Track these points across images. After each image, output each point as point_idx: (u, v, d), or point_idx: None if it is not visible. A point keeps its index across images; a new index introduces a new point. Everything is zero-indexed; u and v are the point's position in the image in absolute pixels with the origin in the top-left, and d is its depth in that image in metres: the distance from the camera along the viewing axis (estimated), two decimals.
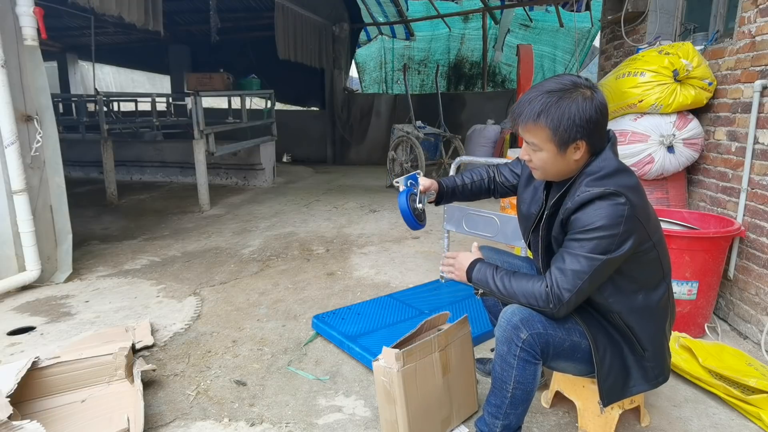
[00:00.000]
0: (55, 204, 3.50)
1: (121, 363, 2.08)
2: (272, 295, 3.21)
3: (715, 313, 2.78)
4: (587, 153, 1.47)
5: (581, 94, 1.40)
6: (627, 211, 1.38)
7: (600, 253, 1.38)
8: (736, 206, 2.63)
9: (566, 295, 1.42)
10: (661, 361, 1.60)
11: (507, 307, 1.54)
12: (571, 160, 1.46)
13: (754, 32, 2.53)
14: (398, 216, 5.37)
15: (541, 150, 1.47)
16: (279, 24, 7.42)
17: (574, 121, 1.39)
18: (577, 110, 1.39)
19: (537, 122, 1.42)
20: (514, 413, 1.55)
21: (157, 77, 14.80)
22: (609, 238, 1.38)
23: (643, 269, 1.50)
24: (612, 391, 1.56)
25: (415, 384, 1.67)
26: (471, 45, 11.23)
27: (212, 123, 6.33)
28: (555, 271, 1.45)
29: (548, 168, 1.50)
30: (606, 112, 1.44)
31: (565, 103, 1.39)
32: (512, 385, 1.50)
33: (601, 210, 1.38)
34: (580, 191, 1.42)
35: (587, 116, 1.39)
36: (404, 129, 6.80)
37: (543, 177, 1.58)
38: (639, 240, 1.43)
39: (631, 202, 1.39)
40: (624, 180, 1.43)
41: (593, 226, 1.38)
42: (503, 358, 1.50)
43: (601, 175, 1.43)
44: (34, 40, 3.22)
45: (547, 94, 1.41)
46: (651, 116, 2.97)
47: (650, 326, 1.54)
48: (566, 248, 1.45)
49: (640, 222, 1.42)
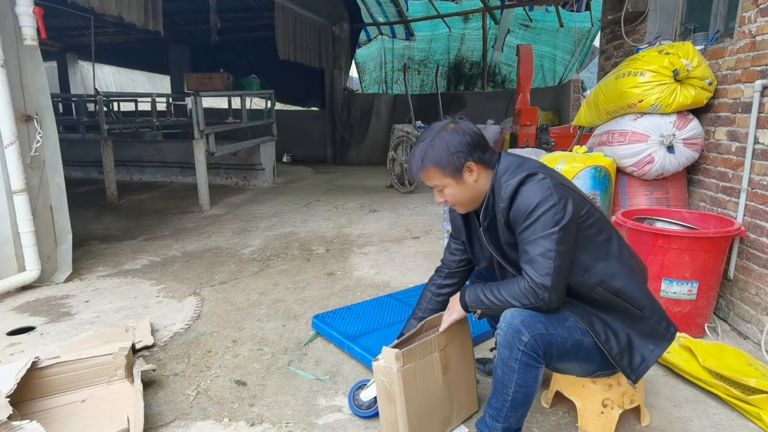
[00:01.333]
0: (55, 204, 3.50)
1: (121, 363, 2.08)
2: (272, 295, 3.21)
3: (715, 313, 2.78)
4: (483, 170, 1.60)
5: (445, 130, 1.58)
6: (550, 182, 1.49)
7: (552, 227, 1.45)
8: (736, 206, 2.63)
9: (547, 280, 1.45)
10: (661, 311, 1.62)
11: (507, 311, 1.55)
12: (471, 182, 1.60)
13: (754, 32, 2.53)
14: (398, 216, 5.40)
15: (445, 186, 1.61)
16: (279, 24, 7.42)
17: (450, 151, 1.55)
18: (447, 143, 1.56)
19: (425, 167, 1.59)
20: (514, 416, 1.55)
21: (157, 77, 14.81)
22: (551, 209, 1.45)
23: (597, 233, 1.55)
24: (633, 366, 1.57)
25: (415, 384, 1.67)
26: (471, 45, 11.23)
27: (212, 123, 6.34)
28: (526, 266, 1.50)
29: (460, 198, 1.63)
30: (475, 133, 1.59)
31: (436, 142, 1.57)
32: (513, 389, 1.50)
33: (529, 192, 1.48)
34: (504, 187, 1.53)
35: (456, 142, 1.56)
36: (404, 129, 6.80)
37: (464, 209, 1.70)
38: (576, 203, 1.50)
39: (549, 174, 1.52)
40: (533, 164, 1.58)
41: (531, 207, 1.47)
42: (505, 362, 1.51)
43: (513, 169, 1.56)
44: (33, 40, 3.22)
45: (421, 143, 1.60)
46: (651, 116, 2.97)
47: (634, 282, 1.57)
48: (522, 242, 1.51)
49: (567, 187, 1.53)
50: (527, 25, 10.69)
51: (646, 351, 1.57)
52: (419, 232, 4.73)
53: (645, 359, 1.57)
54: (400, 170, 6.84)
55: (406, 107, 7.46)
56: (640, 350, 1.57)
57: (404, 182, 6.81)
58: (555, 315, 1.55)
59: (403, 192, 6.74)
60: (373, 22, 10.63)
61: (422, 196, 6.48)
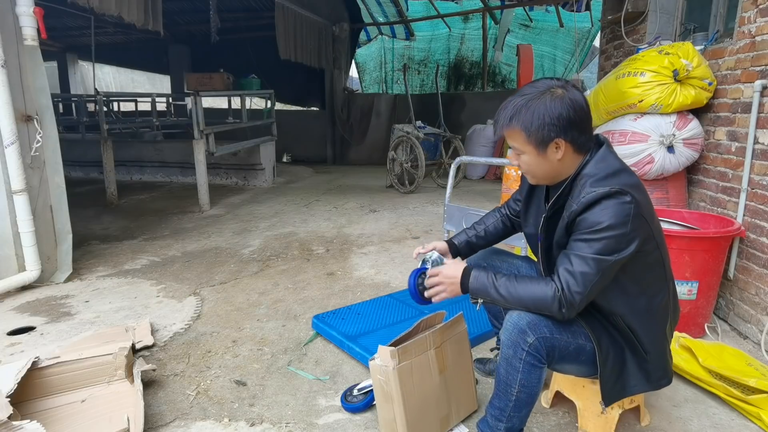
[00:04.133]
0: (55, 204, 3.50)
1: (121, 363, 2.08)
2: (272, 295, 3.21)
3: (715, 313, 2.78)
4: (572, 152, 1.48)
5: (551, 94, 1.43)
6: (633, 210, 1.37)
7: (608, 254, 1.38)
8: (736, 206, 2.63)
9: (578, 299, 1.40)
10: (663, 363, 1.60)
11: (512, 311, 1.52)
12: (554, 160, 1.47)
13: (754, 32, 2.53)
14: (398, 216, 5.40)
15: (523, 152, 1.50)
16: (279, 24, 7.42)
17: (544, 120, 1.41)
18: (546, 109, 1.41)
19: (511, 126, 1.47)
20: (517, 416, 1.54)
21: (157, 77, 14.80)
22: (617, 238, 1.37)
23: (646, 270, 1.50)
24: (613, 391, 1.56)
25: (411, 382, 1.67)
26: (471, 45, 11.23)
27: (212, 123, 6.33)
28: (564, 273, 1.42)
29: (535, 170, 1.53)
30: (581, 110, 1.44)
31: (534, 104, 1.43)
32: (517, 389, 1.49)
33: (608, 210, 1.37)
34: (585, 192, 1.41)
35: (557, 114, 1.41)
36: (404, 129, 6.80)
37: (535, 181, 1.60)
38: (644, 239, 1.42)
39: (637, 200, 1.39)
40: (627, 179, 1.43)
41: (601, 226, 1.37)
42: (508, 362, 1.49)
43: (604, 176, 1.42)
44: (34, 40, 3.22)
45: (519, 98, 1.46)
46: (651, 116, 2.97)
47: (652, 329, 1.54)
48: (573, 249, 1.43)
49: (645, 220, 1.42)
50: (527, 25, 10.69)
51: (629, 384, 1.56)
52: (419, 232, 4.73)
53: (624, 390, 1.56)
54: (400, 170, 6.84)
55: (406, 107, 7.45)
56: (625, 379, 1.56)
57: (404, 182, 6.81)
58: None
59: (403, 192, 6.74)
60: (373, 22, 10.63)
61: (422, 196, 6.48)
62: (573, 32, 9.83)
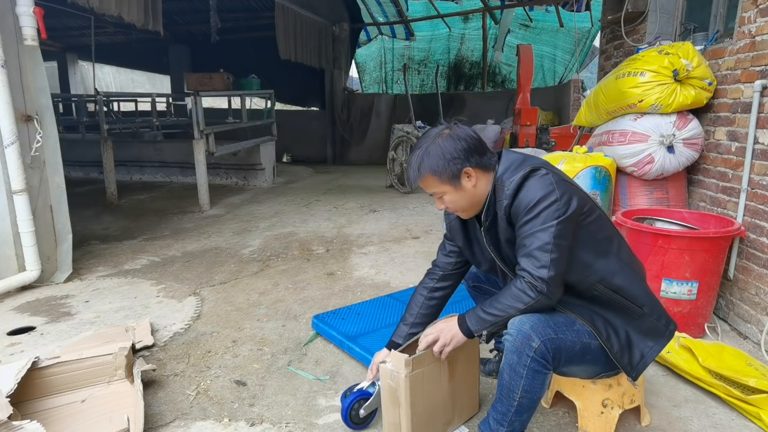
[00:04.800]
0: (55, 204, 3.50)
1: (121, 363, 2.08)
2: (272, 295, 3.21)
3: (715, 313, 2.78)
4: (483, 174, 1.58)
5: (440, 137, 1.55)
6: (553, 177, 1.49)
7: (552, 220, 1.44)
8: (736, 206, 2.63)
9: (544, 272, 1.44)
10: (661, 308, 1.61)
11: (515, 317, 1.52)
12: (470, 187, 1.57)
13: (754, 32, 2.53)
14: (398, 216, 5.40)
15: (444, 193, 1.58)
16: (279, 24, 7.42)
17: (445, 158, 1.53)
18: (442, 149, 1.53)
19: (422, 175, 1.57)
20: (518, 420, 1.55)
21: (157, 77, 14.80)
22: (553, 205, 1.45)
23: (597, 230, 1.55)
24: (632, 362, 1.56)
25: (421, 389, 1.66)
26: (471, 45, 11.23)
27: (212, 123, 6.33)
28: (523, 260, 1.48)
29: (461, 203, 1.60)
30: (470, 137, 1.56)
31: (431, 149, 1.54)
32: (519, 394, 1.49)
33: (532, 187, 1.47)
34: (506, 187, 1.51)
35: (452, 148, 1.53)
36: (404, 129, 6.80)
37: (467, 214, 1.66)
38: (579, 199, 1.50)
39: (551, 170, 1.51)
40: (534, 160, 1.56)
41: (533, 202, 1.46)
42: (512, 368, 1.49)
43: (514, 168, 1.54)
44: (34, 40, 3.22)
45: (418, 151, 1.57)
46: (651, 116, 2.97)
47: (634, 280, 1.57)
48: (521, 236, 1.50)
49: (569, 183, 1.53)
50: (527, 25, 10.69)
51: (645, 348, 1.57)
52: (419, 232, 4.73)
53: (644, 356, 1.57)
54: (400, 170, 6.84)
55: (406, 107, 7.46)
56: (638, 347, 1.57)
57: (404, 182, 6.81)
58: (562, 319, 1.53)
59: (403, 192, 6.74)
60: (373, 22, 10.63)
61: (422, 196, 6.48)
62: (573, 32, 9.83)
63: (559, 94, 8.89)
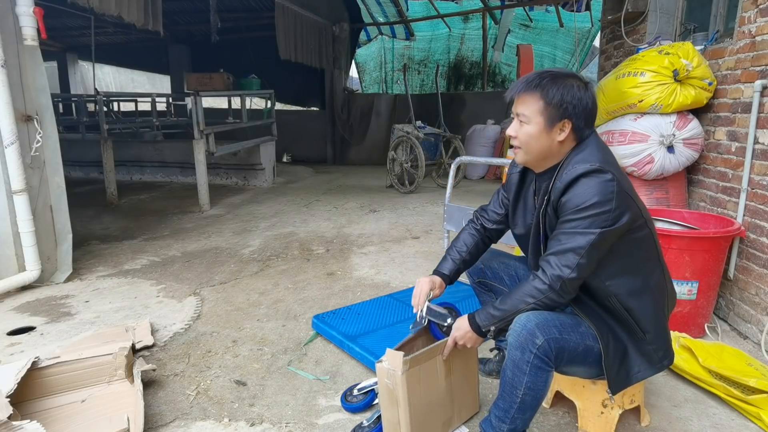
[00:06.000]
0: (55, 204, 3.50)
1: (121, 363, 2.08)
2: (272, 295, 3.21)
3: (715, 313, 2.78)
4: (572, 138, 1.53)
5: (577, 81, 1.51)
6: (616, 187, 1.42)
7: (595, 228, 1.41)
8: (736, 206, 2.63)
9: (566, 272, 1.43)
10: (664, 342, 1.60)
11: (520, 314, 1.52)
12: (555, 140, 1.52)
13: (754, 32, 2.53)
14: (398, 216, 5.40)
15: (530, 122, 1.52)
16: (279, 24, 7.42)
17: (565, 99, 1.47)
18: (570, 91, 1.48)
19: (533, 92, 1.50)
20: (521, 418, 1.54)
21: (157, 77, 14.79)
22: (603, 215, 1.41)
23: (637, 248, 1.52)
24: (618, 379, 1.56)
25: (418, 387, 1.66)
26: (471, 45, 11.23)
27: (212, 123, 6.33)
28: (550, 253, 1.47)
29: (532, 143, 1.54)
30: (595, 105, 1.52)
31: (561, 82, 1.49)
32: (522, 391, 1.49)
33: (590, 188, 1.42)
34: (567, 171, 1.47)
35: (578, 97, 1.48)
36: (404, 129, 6.80)
37: (524, 159, 1.61)
38: (633, 216, 1.46)
39: (618, 178, 1.44)
40: (606, 157, 1.50)
41: (586, 204, 1.41)
42: (515, 364, 1.48)
43: (585, 158, 1.48)
44: (34, 40, 3.22)
45: (547, 73, 1.52)
46: (651, 116, 2.97)
47: (648, 307, 1.55)
48: (560, 230, 1.47)
49: (630, 197, 1.47)
50: (527, 25, 10.69)
51: (633, 369, 1.56)
52: (419, 232, 4.73)
53: (630, 376, 1.56)
54: (400, 170, 6.84)
55: (406, 107, 7.45)
56: (629, 365, 1.56)
57: (404, 182, 6.81)
58: (569, 320, 1.53)
59: (403, 192, 6.74)
60: (373, 22, 10.63)
61: (422, 196, 6.48)
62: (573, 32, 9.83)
63: None
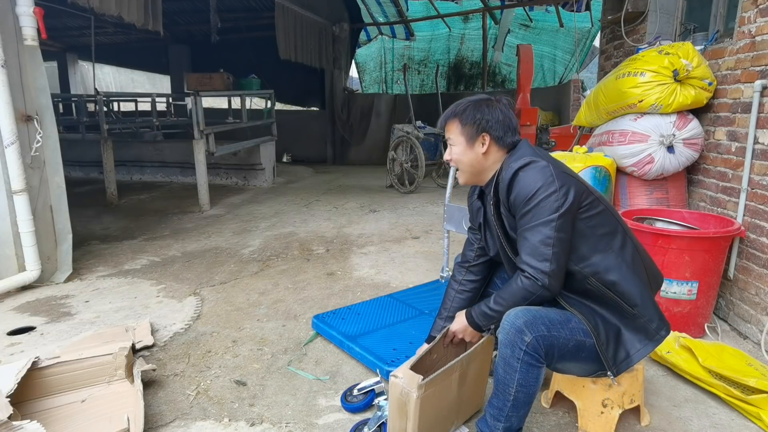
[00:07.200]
0: (55, 204, 3.50)
1: (121, 363, 2.08)
2: (272, 295, 3.21)
3: (715, 313, 2.78)
4: (496, 149, 1.66)
5: (487, 102, 1.68)
6: (552, 169, 1.52)
7: (552, 213, 1.48)
8: (736, 206, 2.63)
9: (546, 266, 1.48)
10: (654, 311, 1.60)
11: (510, 311, 1.55)
12: (479, 153, 1.67)
13: (754, 32, 2.53)
14: (398, 216, 5.40)
15: (456, 144, 1.70)
16: (279, 24, 7.42)
17: (476, 117, 1.65)
18: (481, 110, 1.66)
19: (452, 119, 1.71)
20: (515, 415, 1.55)
21: (157, 77, 14.80)
22: (552, 196, 1.48)
23: (599, 225, 1.57)
24: (617, 359, 1.56)
25: (431, 404, 1.64)
26: (471, 45, 11.23)
27: (212, 123, 6.34)
28: (524, 255, 1.52)
29: (463, 160, 1.69)
30: (505, 114, 1.66)
31: (474, 106, 1.68)
32: (515, 388, 1.50)
33: (530, 177, 1.51)
34: (506, 171, 1.58)
35: (488, 113, 1.65)
36: (404, 129, 6.80)
37: (465, 178, 1.76)
38: (578, 192, 1.52)
39: (551, 162, 1.55)
40: (541, 154, 1.61)
41: (531, 192, 1.50)
42: (506, 361, 1.51)
43: (518, 157, 1.60)
44: (34, 40, 3.22)
45: (462, 102, 1.71)
46: (651, 116, 2.97)
47: (629, 278, 1.56)
48: (522, 228, 1.54)
49: (569, 175, 1.55)
50: (527, 25, 10.69)
51: (633, 348, 1.57)
52: (419, 232, 4.73)
53: (629, 356, 1.57)
54: (400, 170, 6.84)
55: (406, 107, 7.46)
56: (626, 346, 1.57)
57: (404, 182, 6.81)
58: (558, 317, 1.54)
59: (403, 192, 6.74)
60: (373, 22, 10.63)
61: (422, 196, 6.48)
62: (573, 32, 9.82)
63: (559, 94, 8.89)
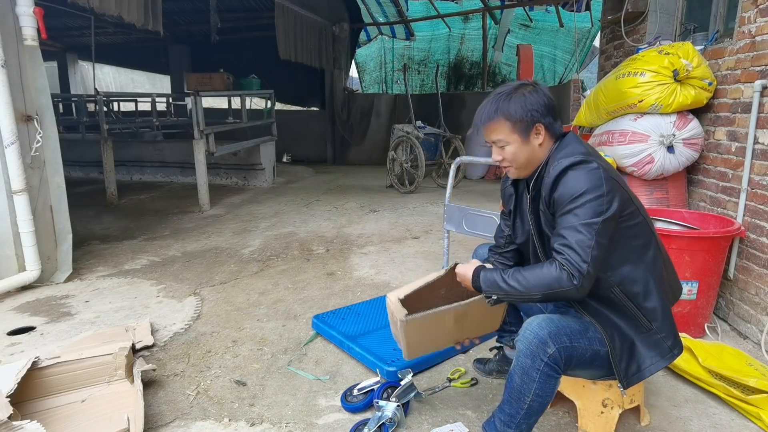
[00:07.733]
0: (55, 204, 3.50)
1: (121, 363, 2.08)
2: (272, 295, 3.21)
3: (715, 313, 2.78)
4: (548, 137, 1.59)
5: (524, 88, 1.58)
6: (602, 173, 1.46)
7: (595, 216, 1.43)
8: (736, 206, 2.63)
9: (584, 267, 1.41)
10: (671, 329, 1.58)
11: (532, 319, 1.52)
12: (535, 145, 1.58)
13: (754, 32, 2.53)
14: (398, 216, 5.40)
15: (508, 143, 1.59)
16: (279, 24, 7.42)
17: (525, 107, 1.54)
18: (525, 100, 1.55)
19: (495, 119, 1.57)
20: (526, 423, 1.54)
21: (157, 77, 14.80)
22: (597, 200, 1.43)
23: (635, 237, 1.54)
24: (629, 372, 1.55)
25: (420, 329, 1.66)
26: (471, 45, 11.23)
27: (212, 123, 6.33)
28: (562, 248, 1.44)
29: (520, 158, 1.60)
30: (551, 98, 1.59)
31: (513, 97, 1.57)
32: (530, 398, 1.49)
33: (578, 178, 1.46)
34: (553, 166, 1.51)
35: (534, 101, 1.55)
36: (404, 129, 6.80)
37: (517, 173, 1.65)
38: (622, 200, 1.48)
39: (602, 166, 1.48)
40: (590, 150, 1.56)
41: (578, 193, 1.44)
42: (525, 371, 1.48)
43: (568, 152, 1.53)
44: (34, 40, 3.22)
45: (497, 95, 1.59)
46: (651, 116, 2.97)
47: (654, 294, 1.54)
48: (561, 225, 1.47)
49: (617, 183, 1.50)
50: (527, 25, 10.69)
51: (644, 363, 1.56)
52: (419, 232, 4.73)
53: (641, 370, 1.56)
54: (400, 170, 6.84)
55: (406, 107, 7.45)
56: (639, 360, 1.55)
57: (404, 182, 6.81)
58: (578, 326, 1.53)
59: (403, 192, 6.74)
60: (373, 22, 10.63)
61: (422, 196, 6.48)
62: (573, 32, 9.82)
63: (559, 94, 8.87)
